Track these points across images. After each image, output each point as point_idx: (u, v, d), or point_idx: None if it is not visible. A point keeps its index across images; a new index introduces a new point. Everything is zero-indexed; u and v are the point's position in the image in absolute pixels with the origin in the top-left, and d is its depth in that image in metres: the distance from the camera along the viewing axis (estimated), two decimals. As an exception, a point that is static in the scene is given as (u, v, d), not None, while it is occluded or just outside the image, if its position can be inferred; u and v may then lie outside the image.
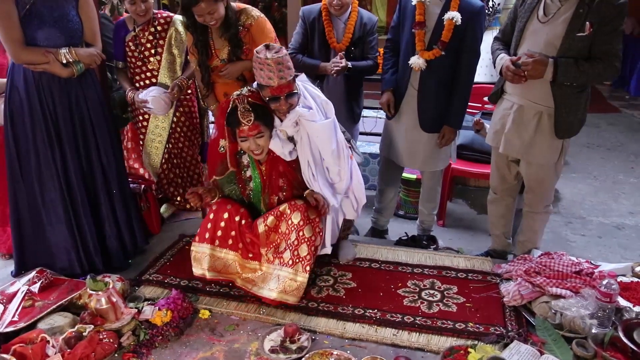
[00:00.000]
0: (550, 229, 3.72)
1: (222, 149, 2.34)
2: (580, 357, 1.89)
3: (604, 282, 2.01)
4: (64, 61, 2.30)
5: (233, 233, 2.33)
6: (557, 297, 2.14)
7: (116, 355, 1.96)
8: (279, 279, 2.24)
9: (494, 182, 2.80)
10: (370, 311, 2.22)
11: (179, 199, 3.22)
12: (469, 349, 1.90)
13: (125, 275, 2.45)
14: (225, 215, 2.35)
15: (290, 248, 2.25)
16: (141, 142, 3.12)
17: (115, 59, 2.99)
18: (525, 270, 2.32)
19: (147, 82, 2.98)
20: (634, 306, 2.08)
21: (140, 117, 3.06)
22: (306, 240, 2.24)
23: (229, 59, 2.72)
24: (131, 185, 2.83)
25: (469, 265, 2.61)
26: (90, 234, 2.52)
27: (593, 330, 1.97)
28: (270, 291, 2.24)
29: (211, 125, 3.32)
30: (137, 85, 3.00)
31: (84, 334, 1.96)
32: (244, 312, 2.23)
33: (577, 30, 2.26)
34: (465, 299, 2.31)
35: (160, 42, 2.92)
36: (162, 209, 3.18)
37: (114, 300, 2.09)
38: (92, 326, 2.01)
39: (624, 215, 4.05)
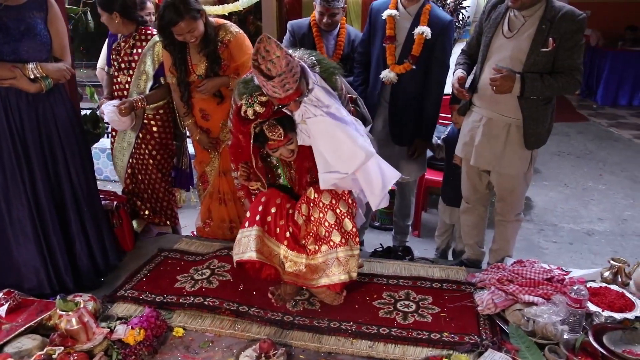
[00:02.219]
0: (523, 237, 3.78)
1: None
2: (553, 363, 1.92)
3: (574, 288, 2.05)
4: (32, 76, 2.27)
5: (282, 222, 2.29)
6: (530, 304, 2.17)
7: (87, 376, 1.92)
8: (340, 260, 2.23)
9: (465, 192, 2.84)
10: (346, 324, 2.21)
11: (147, 212, 3.17)
12: (444, 359, 1.91)
13: (97, 294, 2.40)
14: (278, 201, 2.31)
15: (336, 228, 2.23)
16: (111, 152, 3.12)
17: (107, 64, 3.03)
18: (498, 278, 2.35)
19: (119, 94, 2.97)
20: (603, 311, 2.12)
21: (111, 127, 3.06)
22: (345, 214, 2.24)
23: (206, 74, 2.73)
24: (103, 202, 2.79)
25: (444, 275, 2.62)
26: (60, 252, 2.46)
27: (565, 336, 2.00)
28: (336, 275, 2.23)
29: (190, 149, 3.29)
30: (114, 94, 3.00)
31: (54, 356, 1.91)
32: (219, 329, 2.20)
33: (541, 46, 2.33)
34: (440, 309, 2.32)
35: (135, 57, 2.90)
36: (134, 224, 3.14)
37: (85, 320, 2.03)
38: (62, 348, 1.95)
39: (593, 221, 4.16)
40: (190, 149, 3.25)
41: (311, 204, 2.26)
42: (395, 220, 3.34)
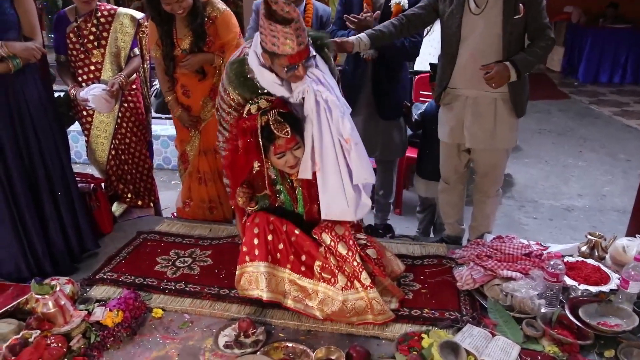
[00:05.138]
0: (504, 213, 3.82)
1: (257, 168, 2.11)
2: (530, 337, 1.94)
3: (551, 263, 2.08)
4: (-2, 56, 2.20)
5: (281, 246, 2.11)
6: (508, 279, 2.19)
7: (66, 359, 1.89)
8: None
9: (445, 173, 2.84)
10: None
11: (129, 195, 3.14)
12: (423, 335, 1.92)
13: (76, 277, 2.37)
14: (271, 227, 2.11)
15: (342, 271, 2.07)
16: (86, 139, 3.03)
17: (55, 52, 2.89)
18: (477, 254, 2.37)
19: (91, 75, 2.89)
20: (579, 285, 2.15)
21: (85, 113, 2.97)
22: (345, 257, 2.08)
23: (191, 49, 2.70)
24: (80, 184, 2.74)
25: (424, 252, 2.64)
26: (37, 236, 2.41)
27: (542, 310, 2.03)
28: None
29: (158, 123, 3.25)
30: (80, 79, 2.90)
31: (30, 339, 1.88)
32: (199, 309, 2.19)
33: (512, 14, 2.34)
34: (420, 286, 2.34)
35: (104, 34, 2.83)
36: (114, 207, 3.10)
37: (62, 303, 2.01)
38: (39, 331, 1.93)
39: (573, 197, 4.21)
40: (167, 130, 3.22)
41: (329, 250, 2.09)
42: (376, 198, 3.34)
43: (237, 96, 2.07)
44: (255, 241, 2.12)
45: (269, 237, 2.11)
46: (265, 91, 2.03)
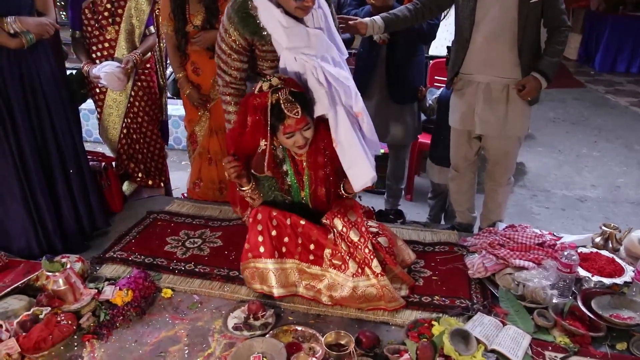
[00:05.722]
0: (516, 202, 3.79)
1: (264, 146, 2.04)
2: (541, 327, 1.92)
3: (565, 253, 2.05)
4: (11, 31, 2.17)
5: (286, 239, 2.09)
6: (520, 268, 2.16)
7: (75, 337, 1.90)
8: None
9: (455, 160, 2.81)
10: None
11: (140, 175, 3.14)
12: (433, 322, 1.91)
13: (86, 256, 2.37)
14: (274, 223, 2.08)
15: (353, 257, 2.04)
16: (98, 116, 3.02)
17: (71, 27, 2.87)
18: (490, 242, 2.34)
19: (105, 53, 2.87)
20: (592, 276, 2.12)
21: (97, 90, 2.96)
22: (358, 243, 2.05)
23: (203, 26, 2.69)
24: (91, 162, 2.73)
25: (436, 239, 2.61)
26: (49, 213, 2.42)
27: (554, 301, 2.01)
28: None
29: (170, 103, 3.25)
30: (94, 56, 2.89)
31: (40, 316, 1.90)
32: (208, 290, 2.19)
33: None
34: (431, 272, 2.32)
35: (119, 11, 2.81)
36: (124, 186, 3.10)
37: (72, 281, 2.02)
38: (49, 308, 1.94)
39: (586, 188, 4.15)
40: (179, 110, 3.21)
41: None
42: (388, 183, 3.31)
43: (238, 37, 2.08)
44: (260, 238, 2.09)
45: (273, 233, 2.08)
46: (265, 33, 2.04)
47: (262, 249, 2.08)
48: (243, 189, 2.12)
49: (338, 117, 2.02)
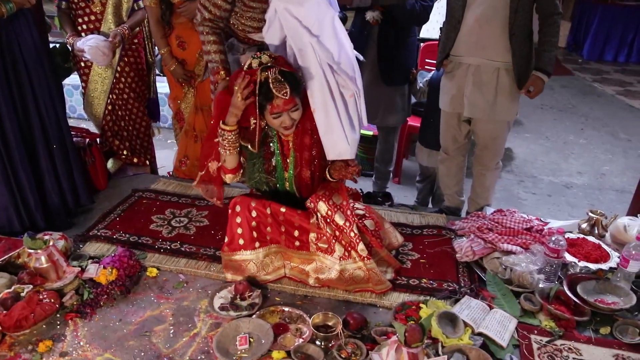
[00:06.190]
0: (503, 187, 3.80)
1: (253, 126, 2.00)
2: (528, 311, 1.93)
3: (553, 239, 2.05)
4: (-10, 0, 2.09)
5: (269, 229, 2.06)
6: (508, 253, 2.17)
7: (58, 315, 1.87)
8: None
9: (445, 142, 2.80)
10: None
11: (125, 152, 3.07)
12: (421, 305, 1.91)
13: (69, 233, 2.33)
14: (254, 214, 2.04)
15: (339, 240, 2.02)
16: (82, 91, 2.94)
17: None
18: (478, 226, 2.34)
19: (91, 26, 2.79)
20: (579, 261, 2.14)
21: (82, 64, 2.87)
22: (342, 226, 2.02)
23: None
24: (75, 138, 2.67)
25: (424, 222, 2.61)
26: (30, 189, 2.35)
27: (540, 285, 2.02)
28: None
29: (159, 80, 3.18)
30: (80, 29, 2.80)
31: (22, 294, 1.86)
32: (194, 269, 2.16)
33: None
34: (419, 255, 2.32)
35: None
36: (109, 163, 3.03)
37: (55, 258, 1.98)
38: (31, 286, 1.90)
39: (572, 174, 4.18)
40: (166, 88, 3.14)
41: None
42: (376, 165, 3.30)
43: None
44: (239, 230, 2.05)
45: (253, 224, 2.05)
46: None
47: (241, 241, 2.05)
48: (227, 128, 1.95)
49: (315, 81, 1.97)
